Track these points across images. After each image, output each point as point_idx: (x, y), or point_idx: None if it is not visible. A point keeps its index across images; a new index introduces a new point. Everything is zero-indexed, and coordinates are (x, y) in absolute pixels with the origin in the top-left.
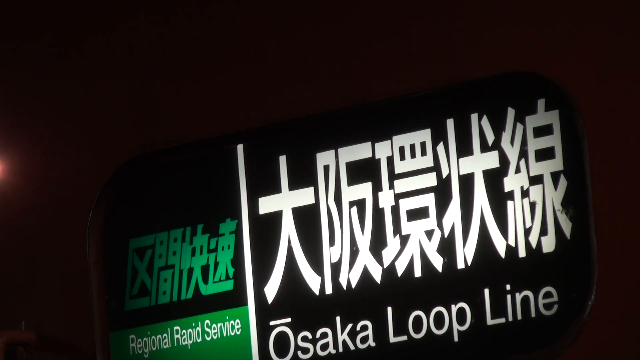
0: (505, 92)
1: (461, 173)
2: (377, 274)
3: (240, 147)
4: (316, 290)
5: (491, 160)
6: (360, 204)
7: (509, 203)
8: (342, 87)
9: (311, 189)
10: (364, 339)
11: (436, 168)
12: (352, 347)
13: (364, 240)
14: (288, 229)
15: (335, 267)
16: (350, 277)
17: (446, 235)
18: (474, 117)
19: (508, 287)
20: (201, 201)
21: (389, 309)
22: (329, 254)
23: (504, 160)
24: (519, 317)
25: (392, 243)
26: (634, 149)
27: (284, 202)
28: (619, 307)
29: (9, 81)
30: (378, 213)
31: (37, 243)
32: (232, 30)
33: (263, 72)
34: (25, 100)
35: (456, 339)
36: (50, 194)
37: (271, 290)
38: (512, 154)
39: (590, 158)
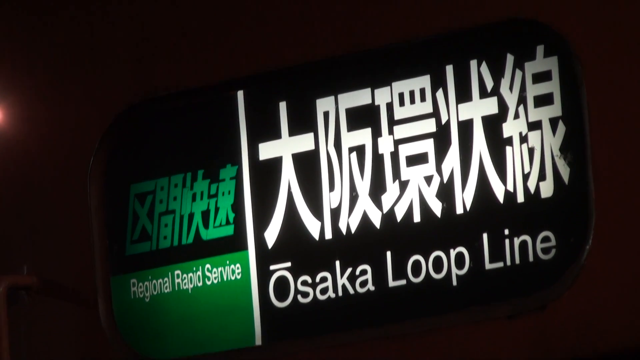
0: (505, 39)
1: (460, 119)
2: (376, 219)
3: (240, 94)
4: (316, 235)
5: (490, 106)
6: (359, 150)
7: (508, 149)
8: (342, 33)
9: (311, 135)
10: (364, 283)
11: (435, 114)
12: (351, 291)
13: (363, 186)
14: (288, 174)
15: (335, 213)
16: (349, 222)
17: (445, 180)
18: (473, 63)
19: (506, 231)
20: (202, 147)
21: (388, 254)
22: (329, 200)
23: (502, 106)
24: (517, 261)
25: (392, 188)
26: (632, 94)
27: (284, 148)
28: (616, 251)
29: (10, 28)
30: (377, 159)
31: (39, 189)
32: None
33: (264, 19)
34: (27, 47)
35: (455, 283)
36: (52, 140)
37: (271, 235)
38: (511, 100)
39: (589, 104)
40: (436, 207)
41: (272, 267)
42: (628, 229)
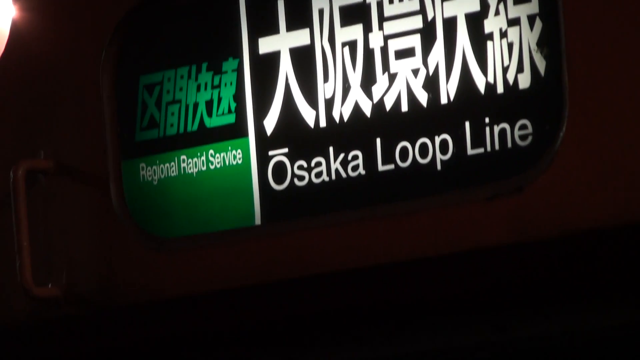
0: None
1: (445, 16)
2: (367, 108)
3: None
4: (311, 123)
5: (472, 3)
6: (352, 45)
7: (489, 43)
8: None
9: (307, 31)
10: (355, 168)
11: (422, 11)
12: (343, 175)
13: (355, 78)
14: (286, 67)
15: (329, 102)
16: (342, 111)
17: (431, 73)
18: None
19: (487, 120)
20: (206, 42)
21: (378, 140)
22: (323, 90)
23: (484, 4)
24: (497, 147)
25: (381, 80)
26: None
27: (282, 42)
28: (588, 138)
29: None
30: (368, 53)
31: (54, 79)
32: None
33: None
34: None
35: (439, 167)
36: (66, 35)
37: (270, 123)
38: None
39: (564, 2)
40: (422, 97)
41: (270, 153)
42: (599, 117)
